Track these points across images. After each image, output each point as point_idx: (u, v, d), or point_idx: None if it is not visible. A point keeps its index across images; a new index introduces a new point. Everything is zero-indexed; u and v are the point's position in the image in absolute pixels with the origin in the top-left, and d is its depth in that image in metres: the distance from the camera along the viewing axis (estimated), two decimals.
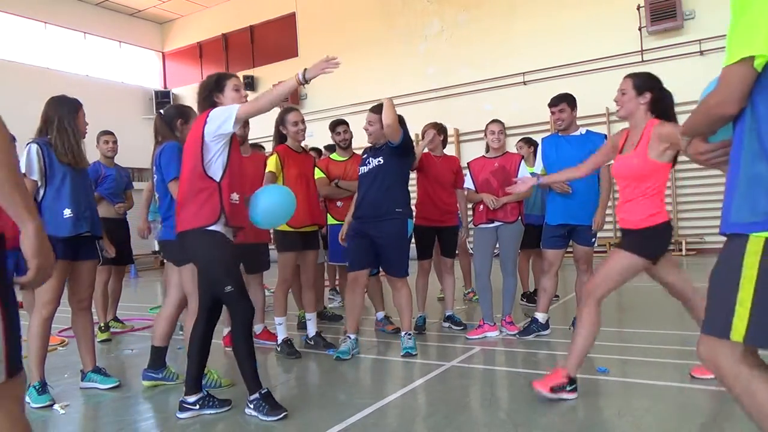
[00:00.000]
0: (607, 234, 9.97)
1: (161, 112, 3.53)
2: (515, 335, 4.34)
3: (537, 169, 4.50)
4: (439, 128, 4.84)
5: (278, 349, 4.20)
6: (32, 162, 3.21)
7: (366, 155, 4.10)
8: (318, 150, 6.29)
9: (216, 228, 2.86)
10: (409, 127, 4.00)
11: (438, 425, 2.66)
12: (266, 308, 4.98)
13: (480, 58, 11.58)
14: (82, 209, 3.36)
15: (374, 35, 12.72)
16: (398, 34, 12.59)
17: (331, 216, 5.05)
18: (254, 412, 2.84)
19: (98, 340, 4.81)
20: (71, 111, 3.35)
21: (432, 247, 4.81)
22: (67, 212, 3.27)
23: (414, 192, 4.82)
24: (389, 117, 3.74)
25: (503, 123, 4.65)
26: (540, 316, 4.34)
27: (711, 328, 1.52)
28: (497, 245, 4.47)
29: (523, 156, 4.89)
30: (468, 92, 11.75)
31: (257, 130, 5.97)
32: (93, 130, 4.74)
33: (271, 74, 13.77)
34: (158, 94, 15.94)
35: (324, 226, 4.86)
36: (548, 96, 4.41)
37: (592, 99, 8.99)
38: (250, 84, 14.05)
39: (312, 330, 4.38)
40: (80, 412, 3.22)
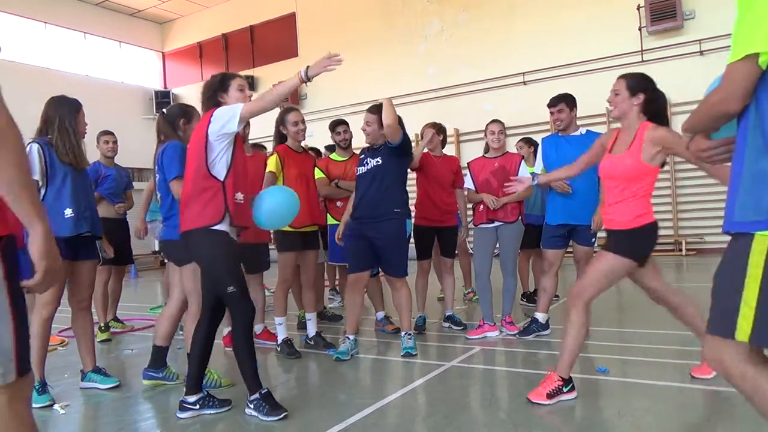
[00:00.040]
0: None
1: (164, 112, 3.53)
2: (515, 335, 4.34)
3: (537, 169, 4.50)
4: (438, 128, 4.84)
5: (278, 349, 4.20)
6: (33, 162, 3.21)
7: (364, 156, 4.10)
8: (316, 150, 6.28)
9: (220, 227, 2.86)
10: (409, 127, 4.01)
11: (438, 425, 2.66)
12: (266, 308, 4.98)
13: (480, 58, 11.57)
14: (83, 209, 3.37)
15: (374, 35, 12.72)
16: (398, 34, 12.59)
17: (331, 216, 5.05)
18: (254, 412, 2.84)
19: (98, 340, 4.81)
20: (72, 111, 3.35)
21: (431, 247, 4.81)
22: (68, 212, 3.28)
23: (414, 192, 4.83)
24: (389, 117, 3.74)
25: (503, 123, 4.65)
26: (540, 316, 4.34)
27: (716, 328, 1.51)
28: (497, 245, 4.47)
29: (523, 156, 4.89)
30: (468, 92, 11.75)
31: (257, 130, 5.96)
32: (93, 130, 4.74)
33: (271, 74, 13.77)
34: (158, 94, 15.94)
35: (324, 226, 4.87)
36: (548, 96, 4.41)
37: (592, 99, 8.96)
38: (251, 84, 14.04)
39: (312, 330, 4.39)
40: (80, 412, 3.22)
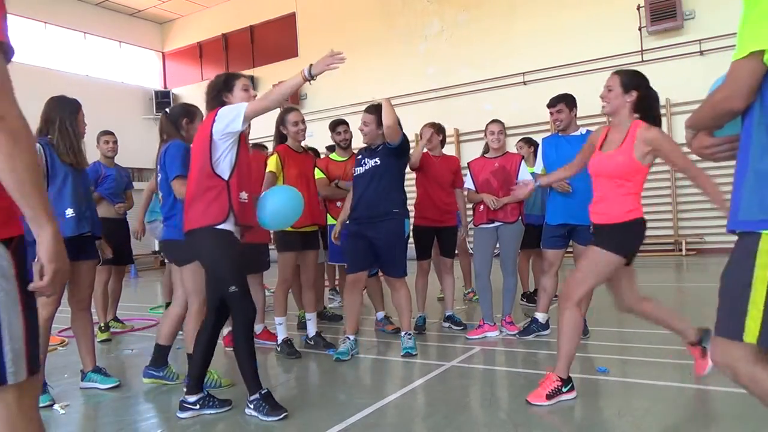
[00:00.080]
0: None
1: (167, 111, 3.52)
2: (515, 335, 4.34)
3: (537, 169, 4.50)
4: (438, 128, 4.84)
5: (278, 349, 4.20)
6: None
7: (361, 156, 4.08)
8: (314, 150, 6.27)
9: (224, 227, 2.86)
10: (409, 127, 4.00)
11: (438, 425, 2.66)
12: (266, 308, 4.98)
13: (480, 58, 11.57)
14: (83, 209, 3.37)
15: (374, 35, 12.72)
16: (398, 34, 12.59)
17: (331, 216, 5.04)
18: (254, 413, 2.84)
19: (98, 340, 4.81)
20: (72, 111, 3.35)
21: (431, 248, 4.81)
22: (69, 212, 3.28)
23: (412, 192, 4.83)
24: (390, 118, 3.74)
25: (503, 123, 4.65)
26: (540, 316, 4.34)
27: (723, 330, 1.48)
28: (497, 245, 4.47)
29: (523, 156, 4.89)
30: (468, 92, 11.75)
31: (257, 130, 5.97)
32: (93, 130, 4.74)
33: (271, 74, 13.77)
34: (158, 94, 15.95)
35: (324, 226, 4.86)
36: (548, 96, 4.41)
37: (592, 99, 8.86)
38: (251, 84, 14.04)
39: (312, 330, 4.39)
40: (80, 412, 3.22)
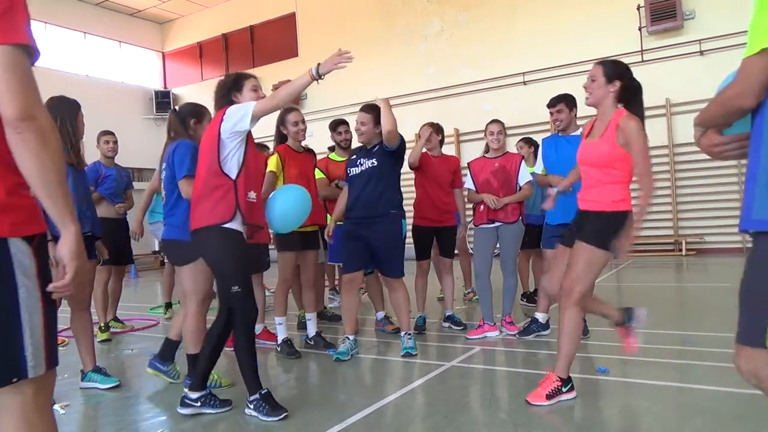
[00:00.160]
0: None
1: (176, 109, 3.51)
2: (515, 335, 4.34)
3: (537, 170, 4.50)
4: (437, 128, 4.84)
5: (278, 349, 4.20)
6: None
7: (356, 156, 4.07)
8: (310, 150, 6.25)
9: (231, 226, 2.85)
10: (409, 127, 4.00)
11: (438, 425, 2.66)
12: (266, 308, 4.98)
13: (480, 58, 11.57)
14: (84, 209, 3.37)
15: (374, 35, 12.72)
16: (398, 34, 12.59)
17: (331, 216, 5.04)
18: (254, 413, 2.84)
19: (98, 340, 4.81)
20: (72, 112, 3.35)
21: (430, 248, 4.81)
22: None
23: (409, 192, 4.83)
24: (390, 123, 3.73)
25: (503, 123, 4.65)
26: (540, 316, 4.34)
27: (745, 338, 1.41)
28: (497, 245, 4.47)
29: (524, 156, 4.88)
30: (468, 92, 11.75)
31: (258, 130, 5.90)
32: (93, 130, 4.75)
33: (271, 74, 13.75)
34: (158, 94, 15.95)
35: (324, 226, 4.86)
36: (548, 96, 4.42)
37: None
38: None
39: (312, 330, 4.39)
40: (80, 412, 3.22)
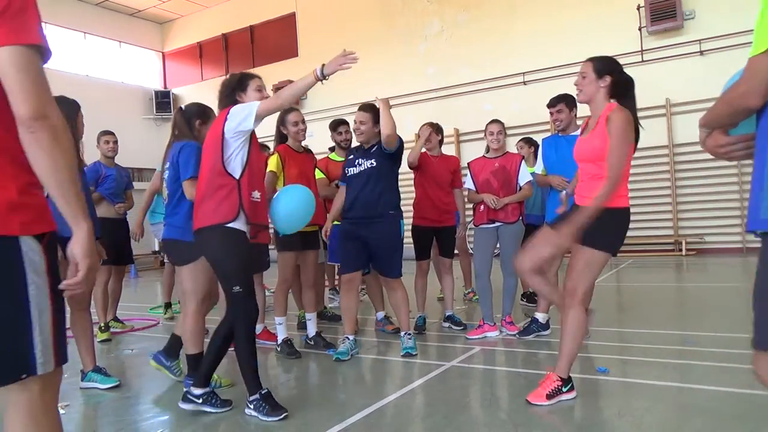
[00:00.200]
0: None
1: (182, 108, 3.50)
2: (515, 335, 4.34)
3: (537, 170, 4.50)
4: (436, 128, 4.84)
5: (278, 349, 4.20)
6: None
7: (353, 156, 4.07)
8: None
9: (234, 225, 2.85)
10: (409, 127, 4.00)
11: (438, 425, 2.66)
12: (266, 308, 4.98)
13: (480, 58, 11.57)
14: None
15: (374, 35, 12.72)
16: (398, 34, 12.59)
17: None
18: (254, 413, 2.84)
19: (98, 340, 4.81)
20: (72, 112, 3.36)
21: (430, 248, 4.81)
22: None
23: (411, 192, 4.84)
24: (389, 127, 3.74)
25: (503, 123, 4.65)
26: (540, 316, 4.34)
27: (763, 343, 1.37)
28: (497, 245, 4.47)
29: (524, 156, 4.88)
30: (468, 92, 11.75)
31: (258, 130, 5.91)
32: (93, 130, 4.75)
33: (271, 74, 13.73)
34: (158, 94, 15.95)
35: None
36: (548, 96, 4.42)
37: None
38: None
39: (312, 330, 4.39)
40: (80, 412, 3.22)
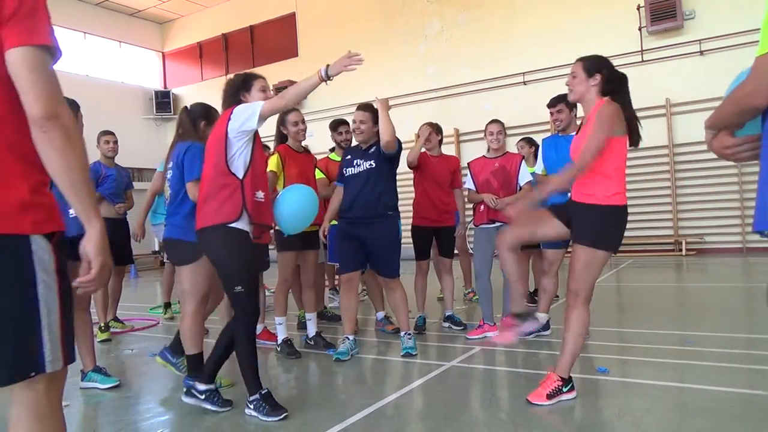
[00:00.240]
0: None
1: (188, 107, 3.50)
2: None
3: (537, 170, 4.50)
4: (436, 128, 4.85)
5: (278, 349, 4.20)
6: None
7: (351, 156, 4.07)
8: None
9: (237, 225, 2.85)
10: (409, 128, 4.01)
11: (438, 425, 2.66)
12: (266, 308, 4.98)
13: (480, 58, 11.57)
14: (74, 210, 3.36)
15: (374, 35, 12.71)
16: (398, 34, 12.59)
17: None
18: (254, 413, 2.84)
19: (98, 340, 4.81)
20: (72, 112, 3.35)
21: (430, 248, 4.81)
22: (72, 212, 3.27)
23: (411, 192, 4.85)
24: (389, 133, 3.74)
25: (503, 123, 4.65)
26: (540, 316, 4.34)
27: None
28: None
29: (524, 156, 4.88)
30: (468, 92, 11.75)
31: (259, 130, 5.95)
32: (93, 130, 4.74)
33: (271, 74, 13.71)
34: (158, 94, 15.95)
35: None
36: (548, 96, 4.41)
37: None
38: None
39: (312, 330, 4.39)
40: (80, 412, 3.22)
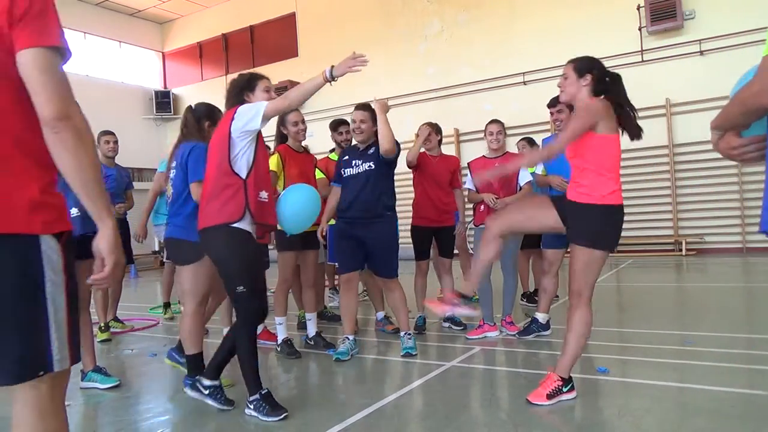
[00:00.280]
0: None
1: (192, 107, 3.50)
2: (515, 335, 4.34)
3: (537, 170, 4.50)
4: (435, 128, 4.84)
5: (278, 349, 4.20)
6: None
7: (349, 157, 4.06)
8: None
9: (239, 225, 2.85)
10: (409, 128, 4.01)
11: (438, 425, 2.66)
12: None
13: (480, 58, 11.57)
14: (85, 208, 3.37)
15: (374, 35, 12.71)
16: (398, 34, 12.59)
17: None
18: (254, 413, 2.84)
19: (98, 340, 4.81)
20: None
21: (429, 248, 4.81)
22: (74, 211, 3.28)
23: (410, 192, 4.85)
24: (389, 141, 3.75)
25: (502, 123, 4.65)
26: (540, 317, 4.34)
27: None
28: None
29: None
30: (468, 92, 11.74)
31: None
32: (93, 130, 4.73)
33: (271, 74, 13.54)
34: (158, 94, 15.94)
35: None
36: (548, 96, 4.41)
37: None
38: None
39: (312, 330, 4.39)
40: (80, 412, 3.22)
